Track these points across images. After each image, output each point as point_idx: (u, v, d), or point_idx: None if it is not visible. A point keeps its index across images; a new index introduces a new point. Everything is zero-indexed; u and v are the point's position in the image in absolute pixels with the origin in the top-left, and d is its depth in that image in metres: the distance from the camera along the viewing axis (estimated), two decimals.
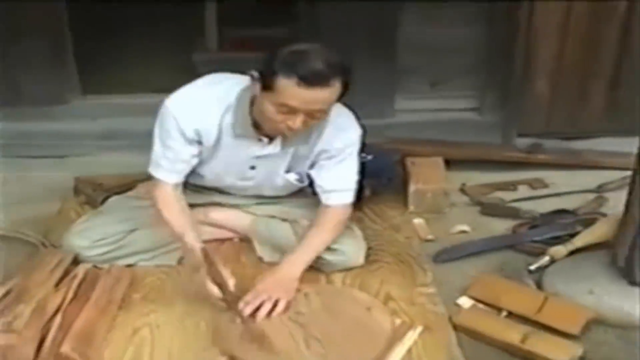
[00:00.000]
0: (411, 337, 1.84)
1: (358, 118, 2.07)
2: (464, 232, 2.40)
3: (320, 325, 1.84)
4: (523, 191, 2.67)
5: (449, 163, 2.62)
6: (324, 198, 2.07)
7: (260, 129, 1.95)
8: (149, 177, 2.05)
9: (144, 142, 2.05)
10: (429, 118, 2.95)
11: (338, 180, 2.06)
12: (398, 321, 1.91)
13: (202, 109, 1.94)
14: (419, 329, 1.87)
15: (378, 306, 1.94)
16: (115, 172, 2.59)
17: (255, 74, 1.83)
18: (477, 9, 2.85)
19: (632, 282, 1.98)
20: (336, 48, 1.77)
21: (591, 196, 2.58)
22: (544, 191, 2.65)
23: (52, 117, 2.93)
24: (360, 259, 2.15)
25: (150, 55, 3.69)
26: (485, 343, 1.87)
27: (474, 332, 1.89)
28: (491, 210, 2.52)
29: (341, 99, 1.87)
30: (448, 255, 2.24)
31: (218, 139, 1.98)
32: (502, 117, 2.95)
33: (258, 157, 2.03)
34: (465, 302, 2.03)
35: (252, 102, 1.91)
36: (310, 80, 1.74)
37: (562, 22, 2.79)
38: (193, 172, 2.07)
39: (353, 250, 2.14)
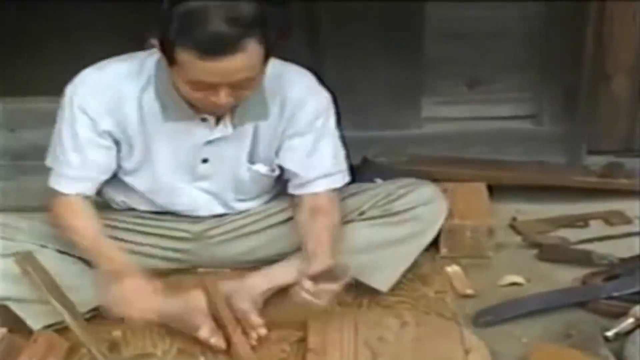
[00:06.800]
0: None
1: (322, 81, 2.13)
2: (515, 284, 2.36)
3: (396, 358, 1.94)
4: (596, 228, 2.64)
5: (493, 190, 2.62)
6: (311, 187, 2.14)
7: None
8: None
9: None
10: (466, 129, 2.99)
11: (323, 163, 2.14)
12: None
13: (114, 90, 2.01)
14: None
15: (482, 354, 1.96)
16: None
17: (156, 43, 1.85)
18: None
19: None
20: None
21: None
22: (626, 228, 2.61)
23: None
24: (437, 224, 2.26)
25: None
26: None
27: None
28: (552, 254, 2.48)
29: (273, 53, 1.88)
30: (494, 316, 2.20)
31: (143, 128, 2.03)
32: (568, 128, 2.96)
33: (208, 144, 2.06)
34: None
35: None
36: (213, 49, 1.74)
37: None
38: (130, 191, 2.17)
39: (431, 212, 2.23)
